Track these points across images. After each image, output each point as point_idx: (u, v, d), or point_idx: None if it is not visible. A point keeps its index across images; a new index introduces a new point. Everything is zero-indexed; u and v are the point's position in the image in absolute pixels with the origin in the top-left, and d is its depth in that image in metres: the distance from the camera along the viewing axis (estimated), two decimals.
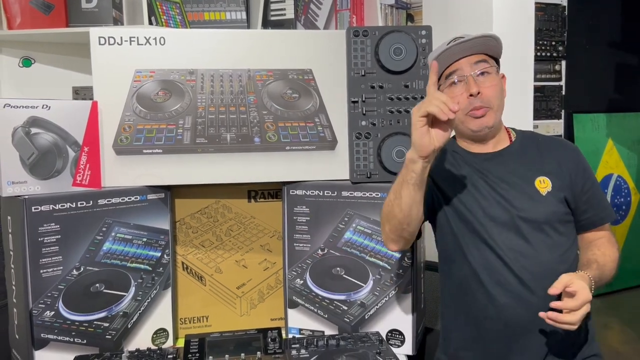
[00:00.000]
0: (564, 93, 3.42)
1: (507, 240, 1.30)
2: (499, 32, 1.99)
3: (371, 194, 1.52)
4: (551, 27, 3.30)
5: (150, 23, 2.08)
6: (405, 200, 1.23)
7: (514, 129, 1.45)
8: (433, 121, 1.15)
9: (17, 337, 1.41)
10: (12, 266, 1.39)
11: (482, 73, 1.31)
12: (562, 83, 3.41)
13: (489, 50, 1.34)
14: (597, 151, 3.88)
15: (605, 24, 3.74)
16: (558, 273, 1.23)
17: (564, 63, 3.40)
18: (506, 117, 1.42)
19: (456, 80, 1.32)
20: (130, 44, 1.48)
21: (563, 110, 3.47)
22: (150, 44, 1.48)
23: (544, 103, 3.34)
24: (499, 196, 1.33)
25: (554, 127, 3.44)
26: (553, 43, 3.31)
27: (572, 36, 3.47)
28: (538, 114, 3.29)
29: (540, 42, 3.27)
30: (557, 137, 1.48)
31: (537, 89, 3.27)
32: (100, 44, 1.47)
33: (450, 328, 1.43)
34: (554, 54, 3.33)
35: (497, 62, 1.38)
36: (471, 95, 1.30)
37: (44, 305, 1.36)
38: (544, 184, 1.32)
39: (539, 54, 3.27)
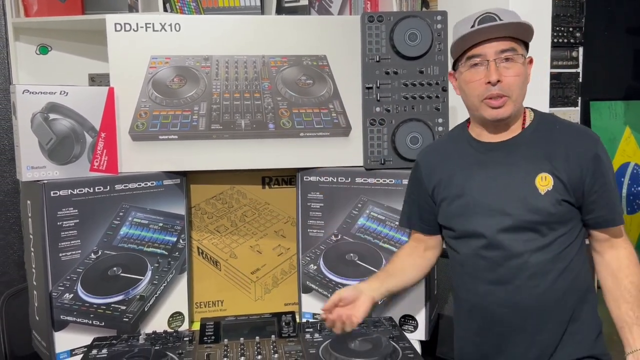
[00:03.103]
0: (580, 80, 3.37)
1: (497, 238, 1.24)
2: None
3: (385, 181, 1.52)
4: (569, 13, 3.25)
5: (165, 10, 2.09)
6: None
7: (534, 111, 1.33)
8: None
9: (37, 318, 1.45)
10: (32, 250, 1.41)
11: (507, 59, 1.22)
12: (579, 70, 3.36)
13: (518, 33, 1.23)
14: (614, 139, 3.83)
15: (624, 10, 3.67)
16: (550, 272, 1.22)
17: (581, 50, 3.34)
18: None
19: (479, 65, 1.23)
20: (146, 31, 1.49)
21: (580, 98, 3.42)
22: (165, 31, 1.49)
23: (561, 90, 3.29)
24: (493, 191, 1.25)
25: (571, 114, 3.39)
26: (570, 29, 3.26)
27: (590, 22, 3.41)
28: (554, 102, 3.24)
29: (558, 29, 3.21)
30: (578, 126, 1.32)
31: (553, 76, 3.22)
32: (116, 30, 1.48)
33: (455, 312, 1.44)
34: (571, 40, 3.28)
35: (527, 45, 1.27)
36: (489, 82, 1.21)
37: (63, 288, 1.39)
38: (544, 182, 1.22)
39: (555, 40, 3.22)
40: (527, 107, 1.33)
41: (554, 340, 1.25)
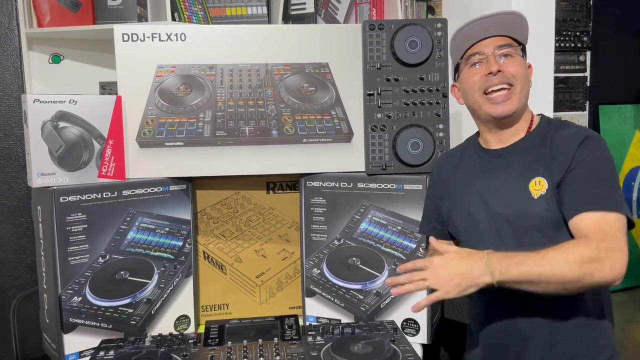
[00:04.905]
0: (588, 84, 3.37)
1: (487, 245, 1.19)
2: None
3: (387, 186, 1.54)
4: (576, 17, 3.25)
5: (174, 19, 2.13)
6: None
7: (542, 117, 1.30)
8: None
9: (47, 321, 1.49)
10: (42, 254, 1.46)
11: (506, 55, 1.22)
12: (587, 74, 3.36)
13: (514, 32, 1.24)
14: (624, 143, 3.81)
15: (633, 13, 3.67)
16: None
17: (588, 54, 3.34)
18: None
19: (477, 63, 1.23)
20: (153, 40, 1.53)
21: (588, 102, 3.42)
22: (171, 40, 1.53)
23: (568, 94, 3.29)
24: (492, 199, 1.25)
25: (578, 118, 3.39)
26: (577, 33, 3.26)
27: (598, 25, 3.41)
28: (562, 106, 3.24)
29: (564, 33, 3.22)
30: (577, 127, 1.24)
31: (560, 80, 3.23)
32: (123, 40, 1.52)
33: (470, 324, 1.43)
34: (579, 45, 3.28)
35: (524, 49, 1.27)
36: (490, 73, 1.20)
37: (72, 291, 1.43)
38: (538, 186, 1.18)
39: (563, 44, 3.22)
40: (537, 114, 1.31)
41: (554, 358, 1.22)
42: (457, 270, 1.09)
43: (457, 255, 1.12)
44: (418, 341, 1.56)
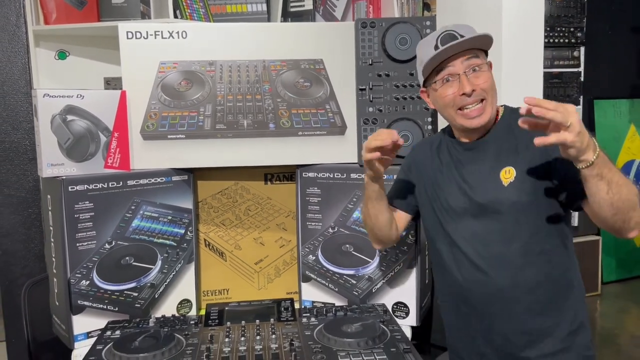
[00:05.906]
0: (582, 79, 3.43)
1: (463, 230, 1.32)
2: (508, 18, 2.05)
3: None
4: (570, 14, 3.31)
5: (175, 17, 2.20)
6: (371, 211, 1.43)
7: (505, 107, 1.38)
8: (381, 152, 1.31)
9: (57, 303, 1.57)
10: (52, 240, 1.54)
11: (474, 69, 1.29)
12: (581, 69, 3.42)
13: (482, 45, 1.31)
14: (619, 137, 3.87)
15: (628, 9, 3.73)
16: (515, 264, 1.27)
17: (582, 49, 3.40)
18: (516, 104, 1.35)
19: (450, 79, 1.30)
20: (155, 38, 1.60)
21: (582, 96, 3.48)
22: (173, 38, 1.61)
23: (562, 89, 3.35)
24: (464, 187, 1.34)
25: None
26: (572, 29, 3.32)
27: (593, 21, 3.47)
28: (556, 100, 3.30)
29: (558, 29, 3.28)
30: None
31: (554, 76, 3.29)
32: (127, 38, 1.60)
33: (441, 306, 1.50)
34: (572, 40, 3.34)
35: (485, 51, 1.34)
36: (464, 94, 1.28)
37: (80, 275, 1.51)
38: (508, 175, 1.29)
39: (557, 40, 3.28)
40: (501, 105, 1.39)
41: (525, 330, 1.29)
42: (583, 128, 1.08)
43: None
44: (407, 323, 1.64)
